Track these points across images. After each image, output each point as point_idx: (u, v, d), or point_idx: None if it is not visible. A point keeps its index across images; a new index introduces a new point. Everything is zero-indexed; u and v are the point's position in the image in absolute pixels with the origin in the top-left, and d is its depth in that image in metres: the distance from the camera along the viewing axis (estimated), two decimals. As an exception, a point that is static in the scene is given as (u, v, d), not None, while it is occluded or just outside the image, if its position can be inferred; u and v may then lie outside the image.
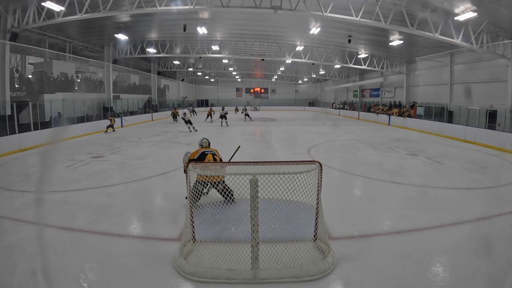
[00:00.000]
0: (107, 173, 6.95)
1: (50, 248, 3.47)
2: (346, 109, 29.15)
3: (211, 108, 23.74)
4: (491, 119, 12.34)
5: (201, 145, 5.09)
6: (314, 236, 3.48)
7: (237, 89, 41.31)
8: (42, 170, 7.15)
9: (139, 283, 2.85)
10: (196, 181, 3.71)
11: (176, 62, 27.46)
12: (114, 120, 15.45)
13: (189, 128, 15.21)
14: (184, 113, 16.75)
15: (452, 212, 4.57)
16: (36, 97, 13.91)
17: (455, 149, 10.36)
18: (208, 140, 5.15)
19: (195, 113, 26.49)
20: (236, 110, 30.73)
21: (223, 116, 17.97)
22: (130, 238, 3.80)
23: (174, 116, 21.05)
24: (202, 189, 4.12)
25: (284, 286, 2.82)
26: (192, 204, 3.44)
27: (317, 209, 3.35)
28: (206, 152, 4.79)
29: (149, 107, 24.51)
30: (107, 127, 15.05)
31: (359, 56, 20.51)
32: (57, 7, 10.55)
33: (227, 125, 17.70)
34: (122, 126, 17.62)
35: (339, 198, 5.20)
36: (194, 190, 3.53)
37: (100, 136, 13.42)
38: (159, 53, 20.00)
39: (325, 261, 3.05)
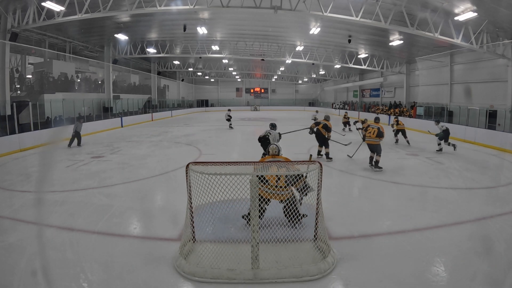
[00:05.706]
0: (107, 173, 6.95)
1: (50, 248, 3.47)
2: (346, 109, 29.13)
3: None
4: (491, 119, 12.34)
5: (268, 152, 4.22)
6: (314, 236, 3.47)
7: (237, 89, 41.31)
8: (42, 170, 7.14)
9: (139, 283, 2.85)
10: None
11: (176, 62, 27.47)
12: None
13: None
14: None
15: (452, 212, 4.57)
16: (36, 97, 13.91)
17: (455, 149, 10.33)
18: (278, 146, 4.20)
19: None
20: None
21: None
22: (130, 238, 3.79)
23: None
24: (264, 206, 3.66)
25: (284, 286, 2.82)
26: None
27: (317, 209, 3.35)
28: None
29: (149, 107, 24.53)
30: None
31: (359, 56, 20.51)
32: (57, 7, 10.57)
33: None
34: (122, 126, 17.65)
35: (339, 198, 5.20)
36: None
37: (100, 136, 13.41)
38: (159, 53, 20.02)
39: (325, 261, 3.05)
